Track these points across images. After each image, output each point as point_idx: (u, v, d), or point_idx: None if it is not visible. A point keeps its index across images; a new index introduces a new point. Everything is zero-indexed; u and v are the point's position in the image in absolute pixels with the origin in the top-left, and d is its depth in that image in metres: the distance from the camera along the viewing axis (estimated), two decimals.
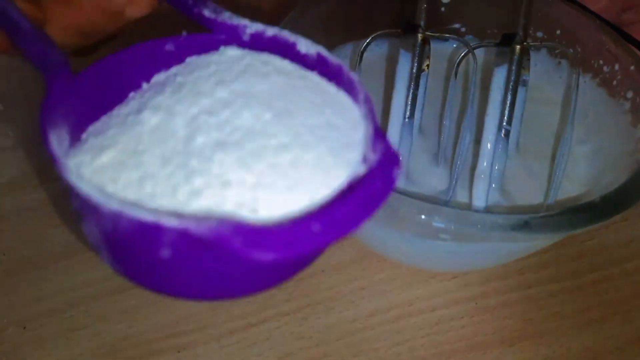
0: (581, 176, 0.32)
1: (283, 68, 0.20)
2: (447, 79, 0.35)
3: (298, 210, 0.16)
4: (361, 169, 0.17)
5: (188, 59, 0.20)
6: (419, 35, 0.30)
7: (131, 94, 0.20)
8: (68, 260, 0.32)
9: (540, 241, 0.26)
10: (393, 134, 0.30)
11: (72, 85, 0.18)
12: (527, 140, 0.33)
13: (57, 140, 0.17)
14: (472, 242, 0.24)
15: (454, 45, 0.36)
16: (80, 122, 0.19)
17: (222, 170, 0.17)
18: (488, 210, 0.24)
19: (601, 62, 0.31)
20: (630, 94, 0.29)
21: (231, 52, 0.20)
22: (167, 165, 0.17)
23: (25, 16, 0.20)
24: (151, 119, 0.18)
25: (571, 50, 0.32)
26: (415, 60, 0.30)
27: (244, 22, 0.20)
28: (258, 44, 0.20)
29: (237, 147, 0.17)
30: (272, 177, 0.17)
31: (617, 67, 0.30)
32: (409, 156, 0.31)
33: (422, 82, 0.31)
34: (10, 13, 0.20)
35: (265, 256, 0.14)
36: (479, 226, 0.21)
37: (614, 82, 0.31)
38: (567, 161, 0.30)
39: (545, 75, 0.35)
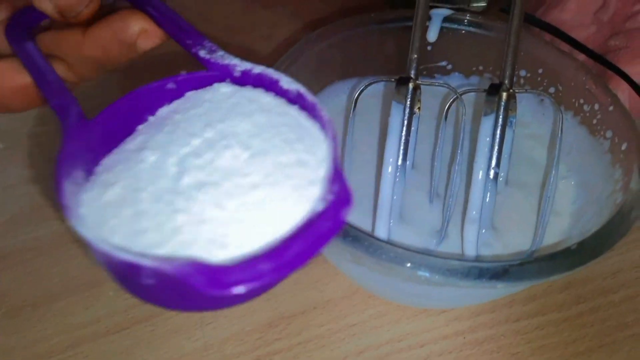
0: (565, 210, 0.32)
1: (266, 105, 0.22)
2: (440, 115, 0.36)
3: (261, 246, 0.18)
4: (319, 206, 0.19)
5: (187, 94, 0.23)
6: (410, 85, 0.31)
7: (139, 127, 0.23)
8: (67, 299, 0.33)
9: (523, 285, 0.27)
10: (386, 179, 0.31)
11: (87, 130, 0.22)
12: (515, 176, 0.34)
13: (71, 184, 0.20)
14: (458, 286, 0.24)
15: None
16: (95, 157, 0.22)
17: (200, 209, 0.19)
18: (470, 259, 0.25)
19: (582, 101, 0.32)
20: (609, 134, 0.30)
21: (223, 89, 0.23)
22: (157, 203, 0.19)
23: (54, 71, 0.24)
24: (149, 157, 0.21)
25: (551, 93, 0.33)
26: (407, 109, 0.31)
27: (235, 61, 0.23)
28: (247, 79, 0.23)
29: (215, 187, 0.19)
30: (242, 215, 0.19)
31: (596, 106, 0.31)
32: (402, 198, 0.31)
33: (414, 122, 0.32)
34: (44, 69, 0.24)
35: (221, 293, 0.17)
36: (459, 275, 0.22)
37: (594, 121, 0.31)
38: (553, 199, 0.31)
39: (530, 111, 0.36)
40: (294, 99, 0.22)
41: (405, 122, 0.31)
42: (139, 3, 0.25)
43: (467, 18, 0.35)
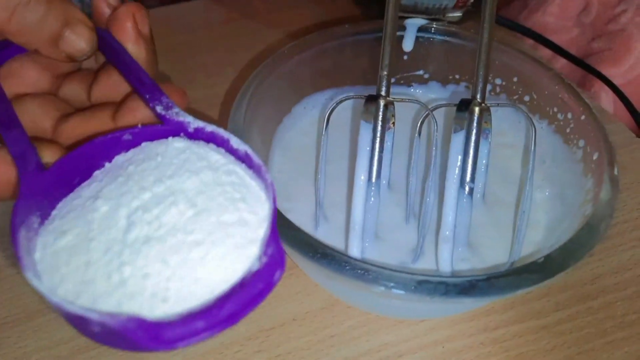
0: (540, 221, 0.33)
1: (215, 163, 0.24)
2: (414, 130, 0.36)
3: (198, 303, 0.20)
4: (255, 266, 0.20)
5: (143, 144, 0.25)
6: (381, 102, 0.31)
7: (95, 172, 0.24)
8: (46, 316, 0.33)
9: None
10: (356, 198, 0.31)
11: (43, 179, 0.23)
12: (491, 188, 0.34)
13: (26, 230, 0.21)
14: (426, 302, 0.24)
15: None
16: (51, 202, 0.23)
17: (144, 263, 0.20)
18: (436, 275, 0.25)
19: (555, 109, 0.33)
20: (582, 143, 0.30)
21: (176, 144, 0.24)
22: (107, 253, 0.21)
23: (17, 118, 0.25)
24: (102, 207, 0.22)
25: (526, 101, 0.33)
26: (379, 125, 0.31)
27: (188, 119, 0.25)
28: (200, 135, 0.25)
29: (160, 242, 0.21)
30: (183, 272, 0.20)
31: (569, 115, 0.31)
32: (377, 216, 0.31)
33: (388, 138, 0.32)
34: (7, 114, 0.25)
35: (159, 347, 0.19)
36: (426, 292, 0.22)
37: (568, 130, 0.32)
38: (529, 212, 0.31)
39: (507, 120, 0.36)
40: (242, 158, 0.24)
41: (378, 140, 0.31)
42: (113, 57, 0.27)
43: (442, 27, 0.35)
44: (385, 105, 0.31)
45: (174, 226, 0.21)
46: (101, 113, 0.26)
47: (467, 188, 0.30)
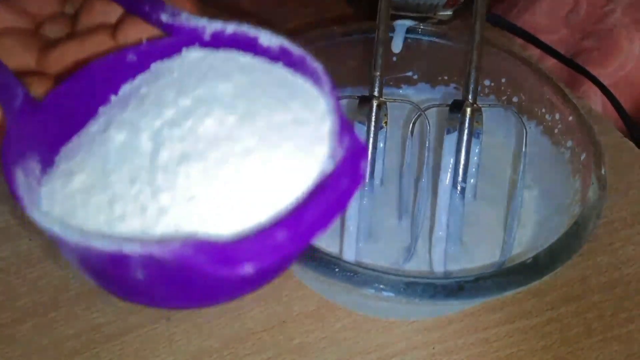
0: (529, 221, 0.33)
1: (246, 65, 0.20)
2: (406, 128, 0.36)
3: (266, 218, 0.16)
4: (329, 166, 0.16)
5: (153, 66, 0.20)
6: (374, 102, 0.31)
7: (100, 109, 0.20)
8: (34, 320, 0.32)
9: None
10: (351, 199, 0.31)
11: (38, 113, 0.18)
12: (481, 187, 0.34)
13: (25, 174, 0.17)
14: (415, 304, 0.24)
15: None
16: (52, 145, 0.19)
17: (187, 185, 0.16)
18: (424, 276, 0.25)
19: (543, 110, 0.33)
20: (570, 144, 0.31)
21: (193, 54, 0.20)
22: (134, 184, 0.17)
23: None
24: (116, 136, 0.18)
25: (515, 102, 0.34)
26: (372, 126, 0.31)
27: (202, 22, 0.20)
28: (220, 42, 0.20)
29: (201, 158, 0.17)
30: (237, 186, 0.16)
31: (557, 116, 0.32)
32: (370, 216, 0.31)
33: (381, 137, 0.32)
34: None
35: (231, 271, 0.14)
36: (414, 293, 0.22)
37: (556, 131, 0.32)
38: (521, 212, 0.31)
39: (496, 119, 0.36)
40: (277, 56, 0.20)
41: (371, 140, 0.31)
42: None
43: (430, 29, 0.35)
44: (378, 106, 0.31)
45: (214, 137, 0.17)
46: (97, 34, 0.22)
47: (459, 187, 0.30)
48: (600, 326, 0.33)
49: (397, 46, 0.36)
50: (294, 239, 0.15)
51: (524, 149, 0.30)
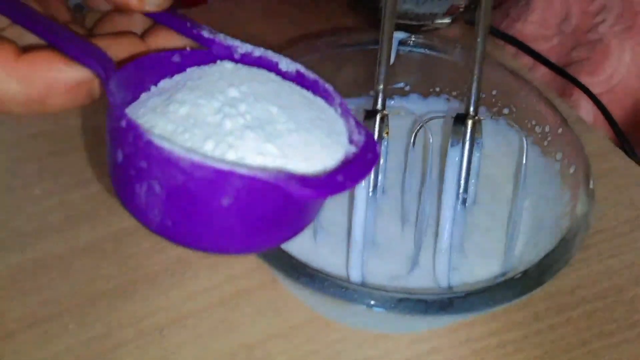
0: (524, 230, 0.33)
1: (272, 77, 0.24)
2: (407, 137, 0.37)
3: (322, 169, 0.20)
4: (351, 149, 0.21)
5: (189, 69, 0.23)
6: (378, 116, 0.32)
7: (142, 95, 0.22)
8: (24, 334, 0.32)
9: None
10: (358, 207, 0.31)
11: (120, 78, 0.21)
12: (481, 196, 0.34)
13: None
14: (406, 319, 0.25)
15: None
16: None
17: (255, 145, 0.20)
18: (415, 292, 0.25)
19: (534, 122, 0.33)
20: (559, 156, 0.31)
21: (228, 65, 0.24)
22: (208, 141, 0.19)
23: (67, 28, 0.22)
24: (179, 109, 0.21)
25: (505, 113, 0.34)
26: (376, 137, 0.32)
27: (236, 43, 0.24)
28: (247, 61, 0.24)
29: (260, 129, 0.20)
30: (292, 151, 0.20)
31: (547, 128, 0.32)
32: (374, 226, 0.32)
33: (383, 147, 0.33)
34: (58, 28, 0.22)
35: (312, 194, 0.19)
36: (405, 310, 0.22)
37: (545, 143, 0.32)
38: (520, 223, 0.31)
39: (491, 130, 0.36)
40: (294, 79, 0.24)
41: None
42: None
43: (422, 40, 0.36)
44: (382, 119, 0.32)
45: (265, 119, 0.21)
46: (128, 36, 0.23)
47: (461, 198, 0.31)
48: (591, 336, 0.33)
49: (390, 58, 0.36)
50: (347, 181, 0.19)
51: (524, 161, 0.31)
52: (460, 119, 0.31)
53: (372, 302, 0.23)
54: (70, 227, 0.37)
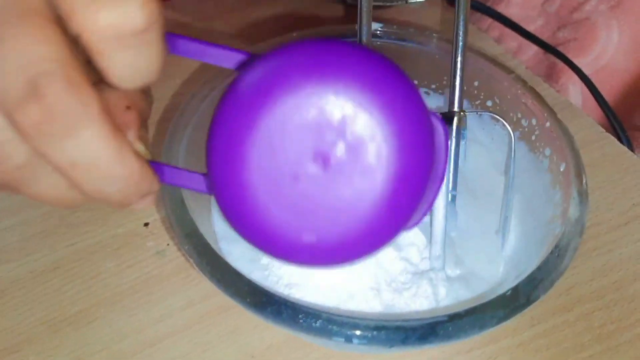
0: (515, 226, 0.31)
1: None
2: None
3: None
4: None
5: None
6: None
7: None
8: (11, 356, 0.30)
9: None
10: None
11: None
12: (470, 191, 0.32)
13: None
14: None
15: None
16: None
17: None
18: (393, 319, 0.22)
19: (519, 115, 0.31)
20: (548, 151, 0.28)
21: None
22: None
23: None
24: None
25: (489, 106, 0.32)
26: None
27: None
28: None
29: None
30: None
31: (534, 121, 0.29)
32: None
33: None
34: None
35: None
36: (382, 342, 0.20)
37: (533, 137, 0.30)
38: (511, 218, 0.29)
39: (477, 123, 0.34)
40: None
41: None
42: None
43: (395, 31, 0.33)
44: None
45: None
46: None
47: (449, 196, 0.29)
48: (589, 340, 0.31)
49: None
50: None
51: (512, 155, 0.29)
52: (448, 120, 0.29)
53: (343, 333, 0.20)
54: (29, 248, 0.34)
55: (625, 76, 0.50)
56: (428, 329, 0.20)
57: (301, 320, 0.20)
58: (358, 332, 0.20)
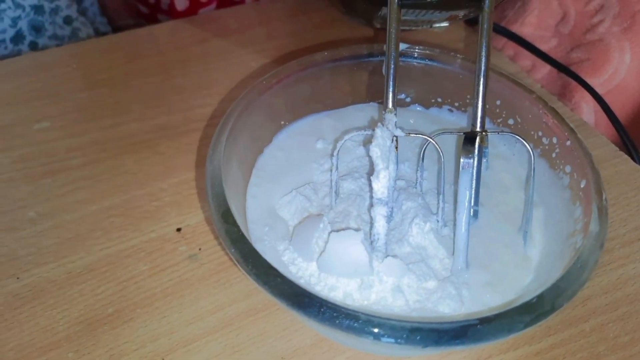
0: (537, 239, 0.32)
1: None
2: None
3: None
4: None
5: None
6: (394, 139, 0.31)
7: None
8: (51, 352, 0.31)
9: None
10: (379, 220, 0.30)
11: None
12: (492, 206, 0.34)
13: None
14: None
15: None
16: None
17: None
18: (426, 321, 0.24)
19: (540, 133, 0.32)
20: (569, 169, 0.30)
21: None
22: None
23: None
24: None
25: (511, 124, 0.33)
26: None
27: None
28: None
29: None
30: None
31: (554, 140, 0.31)
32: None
33: (392, 162, 0.32)
34: None
35: None
36: (415, 341, 0.21)
37: (553, 155, 0.31)
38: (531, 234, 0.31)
39: (499, 142, 0.36)
40: None
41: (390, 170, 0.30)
42: None
43: (422, 51, 0.35)
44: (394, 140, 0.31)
45: None
46: None
47: (472, 212, 0.30)
48: (604, 350, 0.33)
49: None
50: None
51: (532, 174, 0.30)
52: (469, 139, 0.31)
53: (382, 332, 0.22)
54: (65, 251, 0.36)
55: (637, 96, 0.51)
56: (460, 331, 0.21)
57: (341, 321, 0.22)
58: (395, 333, 0.21)
